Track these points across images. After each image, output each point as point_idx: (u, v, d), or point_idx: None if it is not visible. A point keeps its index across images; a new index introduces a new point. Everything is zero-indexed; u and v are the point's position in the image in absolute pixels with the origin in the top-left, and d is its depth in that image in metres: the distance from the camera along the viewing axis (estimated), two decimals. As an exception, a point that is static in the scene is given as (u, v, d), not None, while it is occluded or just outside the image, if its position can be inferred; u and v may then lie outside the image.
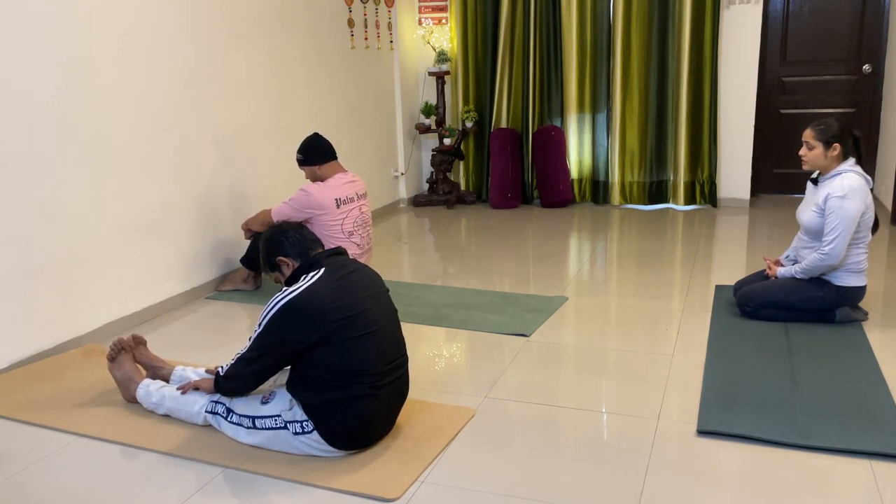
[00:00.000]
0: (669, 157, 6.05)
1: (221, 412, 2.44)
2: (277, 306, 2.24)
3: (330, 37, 5.30)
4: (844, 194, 3.11)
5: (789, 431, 2.36)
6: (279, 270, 2.44)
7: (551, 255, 4.76)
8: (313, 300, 2.23)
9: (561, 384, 2.85)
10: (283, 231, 2.46)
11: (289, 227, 2.48)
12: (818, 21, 5.94)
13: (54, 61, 3.15)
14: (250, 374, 2.33)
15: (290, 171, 4.87)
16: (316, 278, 2.28)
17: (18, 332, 3.07)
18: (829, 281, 3.28)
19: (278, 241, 2.43)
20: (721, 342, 3.16)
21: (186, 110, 3.92)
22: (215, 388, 2.42)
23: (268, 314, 2.26)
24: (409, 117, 6.49)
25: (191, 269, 4.00)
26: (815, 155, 3.22)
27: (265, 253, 2.46)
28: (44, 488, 2.21)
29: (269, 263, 2.46)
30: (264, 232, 2.54)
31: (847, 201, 3.11)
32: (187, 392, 2.54)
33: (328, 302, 2.23)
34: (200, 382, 2.55)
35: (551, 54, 6.19)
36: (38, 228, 3.12)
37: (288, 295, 2.25)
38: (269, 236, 2.47)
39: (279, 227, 2.50)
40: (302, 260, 2.39)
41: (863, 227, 3.21)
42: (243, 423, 2.39)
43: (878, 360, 2.92)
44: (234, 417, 2.41)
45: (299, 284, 2.27)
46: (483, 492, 2.12)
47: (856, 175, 3.16)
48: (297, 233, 2.45)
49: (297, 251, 2.41)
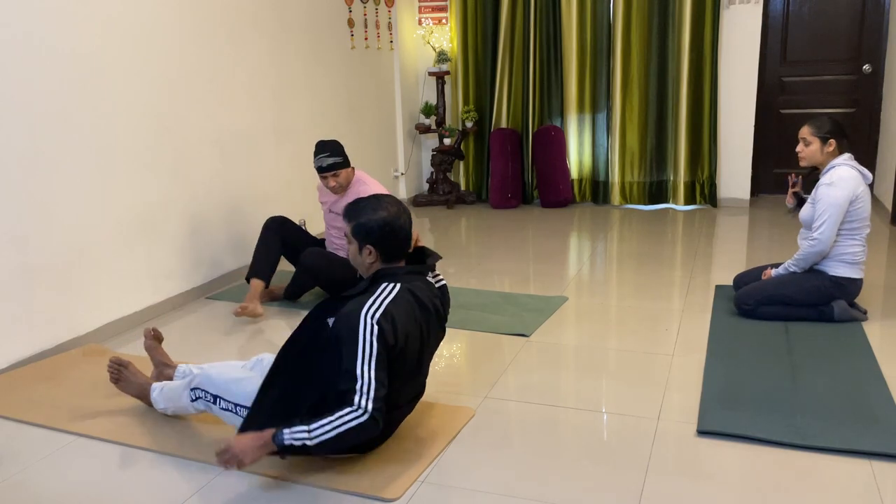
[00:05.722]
0: (669, 157, 6.05)
1: (206, 398, 2.35)
2: (372, 328, 2.06)
3: (330, 37, 5.29)
4: (832, 182, 3.22)
5: (789, 431, 2.36)
6: (359, 252, 2.24)
7: (551, 255, 4.76)
8: (396, 317, 2.11)
9: (561, 384, 2.85)
10: (402, 225, 2.25)
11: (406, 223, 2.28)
12: (818, 21, 5.94)
13: (54, 61, 3.15)
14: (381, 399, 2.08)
15: (290, 171, 4.87)
16: (396, 294, 2.14)
17: (18, 332, 3.07)
18: (823, 271, 3.33)
19: (394, 231, 2.22)
20: (721, 342, 3.16)
21: (187, 110, 3.92)
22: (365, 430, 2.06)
23: (360, 331, 2.05)
24: (409, 117, 6.49)
25: (191, 269, 4.00)
26: (812, 151, 3.32)
27: (371, 232, 2.21)
28: (44, 488, 2.21)
29: (361, 239, 2.23)
30: (386, 216, 2.22)
31: (833, 188, 3.20)
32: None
33: (403, 324, 2.13)
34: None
35: (551, 54, 6.19)
36: (38, 228, 3.12)
37: (376, 308, 2.09)
38: (390, 221, 2.21)
39: (402, 217, 2.26)
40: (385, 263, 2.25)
41: (856, 217, 3.25)
42: (237, 412, 2.29)
43: (878, 359, 2.91)
44: (222, 403, 2.32)
45: (380, 296, 2.12)
46: (483, 492, 2.12)
47: (848, 167, 3.25)
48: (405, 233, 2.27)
49: (394, 253, 2.26)
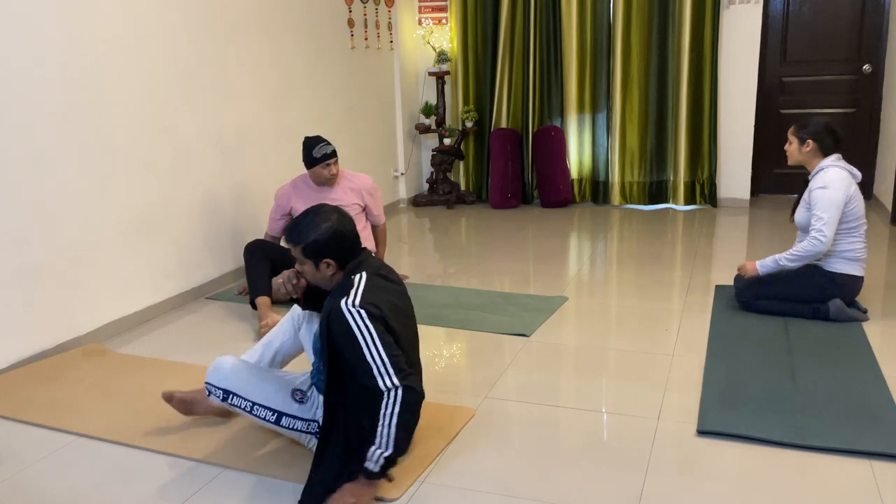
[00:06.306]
0: (669, 157, 6.05)
1: (242, 406, 2.25)
2: (358, 313, 2.03)
3: (330, 37, 5.30)
4: (825, 185, 3.26)
5: (789, 431, 2.36)
6: (317, 269, 2.18)
7: (551, 255, 4.76)
8: (376, 296, 2.10)
9: (561, 384, 2.85)
10: (349, 228, 2.21)
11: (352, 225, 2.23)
12: (818, 21, 5.94)
13: (54, 61, 3.15)
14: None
15: (290, 171, 4.87)
16: (366, 280, 2.12)
17: (18, 332, 3.07)
18: (822, 267, 3.35)
19: (344, 236, 2.18)
20: (721, 342, 3.16)
21: (187, 110, 3.92)
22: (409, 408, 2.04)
23: (357, 329, 2.02)
24: (409, 117, 6.49)
25: (191, 269, 4.00)
26: (792, 150, 3.44)
27: (325, 246, 2.14)
28: (44, 488, 2.21)
29: (315, 256, 2.16)
30: (331, 225, 2.16)
31: (828, 190, 3.24)
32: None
33: (385, 300, 2.13)
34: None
35: (551, 54, 6.19)
36: (38, 228, 3.12)
37: (353, 297, 2.06)
38: (338, 228, 2.17)
39: (345, 219, 2.21)
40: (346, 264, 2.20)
41: (851, 217, 3.29)
42: (267, 418, 2.25)
43: (878, 359, 2.91)
44: (258, 410, 2.25)
45: (353, 287, 2.09)
46: (483, 492, 2.12)
47: (837, 168, 3.30)
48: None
49: (349, 256, 2.21)
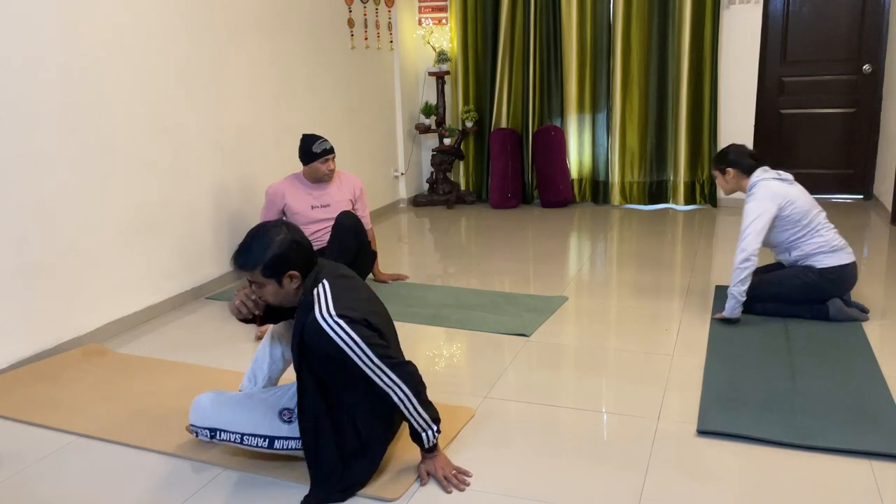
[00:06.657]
0: (669, 157, 6.05)
1: (231, 440, 2.21)
2: (338, 325, 1.99)
3: (330, 37, 5.30)
4: (747, 198, 3.40)
5: (789, 431, 2.36)
6: (280, 286, 2.08)
7: (551, 255, 4.76)
8: (346, 299, 2.07)
9: (561, 384, 2.85)
10: (302, 236, 2.15)
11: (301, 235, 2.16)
12: (818, 21, 5.94)
13: (54, 61, 3.15)
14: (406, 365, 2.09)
15: (290, 171, 4.87)
16: (329, 287, 2.06)
17: (18, 332, 3.07)
18: (810, 266, 3.37)
19: (300, 244, 2.12)
20: (721, 342, 3.16)
21: (187, 110, 3.92)
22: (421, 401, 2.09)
23: (347, 339, 1.99)
24: (409, 117, 6.49)
25: (191, 269, 4.00)
26: (721, 183, 3.58)
27: (286, 258, 2.07)
28: (44, 488, 2.21)
29: (278, 272, 2.07)
30: (285, 237, 2.09)
31: (749, 204, 3.36)
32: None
33: (357, 299, 2.11)
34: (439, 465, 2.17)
35: (551, 54, 6.19)
36: (38, 228, 3.12)
37: (326, 308, 2.01)
38: (292, 238, 2.10)
39: (293, 229, 2.15)
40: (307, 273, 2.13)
41: (799, 217, 3.33)
42: (259, 445, 2.19)
43: (878, 359, 2.91)
44: (248, 440, 2.19)
45: (320, 298, 2.03)
46: (483, 492, 2.12)
47: (762, 183, 3.38)
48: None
49: (309, 266, 2.15)
